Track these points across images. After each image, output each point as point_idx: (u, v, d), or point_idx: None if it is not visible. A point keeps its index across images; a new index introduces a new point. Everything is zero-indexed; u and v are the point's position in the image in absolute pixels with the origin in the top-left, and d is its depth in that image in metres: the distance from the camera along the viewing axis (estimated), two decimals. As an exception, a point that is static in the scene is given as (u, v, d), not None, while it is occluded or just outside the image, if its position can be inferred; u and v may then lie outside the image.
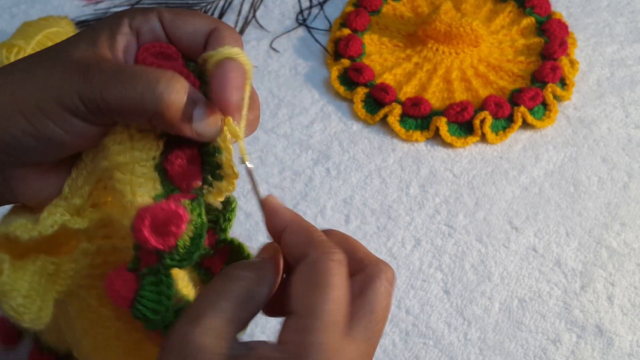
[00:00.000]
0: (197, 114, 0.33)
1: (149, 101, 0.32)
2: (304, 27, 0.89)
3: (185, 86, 0.33)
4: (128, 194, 0.33)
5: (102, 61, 0.32)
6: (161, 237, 0.32)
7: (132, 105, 0.32)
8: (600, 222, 0.68)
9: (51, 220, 0.35)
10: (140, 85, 0.32)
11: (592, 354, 0.60)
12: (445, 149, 0.75)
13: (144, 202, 0.33)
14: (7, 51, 0.77)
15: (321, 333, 0.29)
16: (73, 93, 0.31)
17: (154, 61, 0.34)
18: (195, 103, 0.33)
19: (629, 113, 0.78)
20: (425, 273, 0.65)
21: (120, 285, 0.33)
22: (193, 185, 0.35)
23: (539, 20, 0.86)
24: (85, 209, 0.36)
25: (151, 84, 0.32)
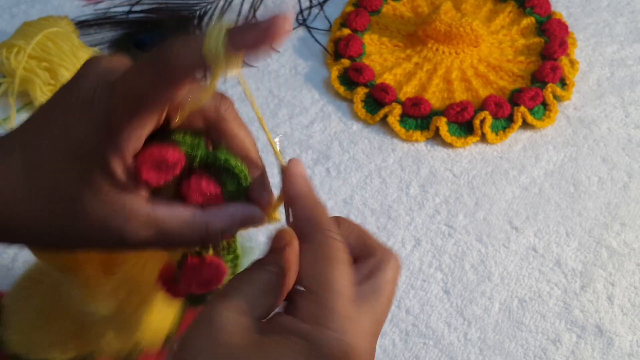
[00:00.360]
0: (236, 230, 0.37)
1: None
2: (304, 27, 0.89)
3: (221, 228, 0.35)
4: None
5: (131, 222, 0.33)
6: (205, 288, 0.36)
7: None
8: (600, 222, 0.68)
9: None
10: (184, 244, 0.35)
11: (592, 354, 0.60)
12: (445, 149, 0.75)
13: None
14: (7, 51, 0.76)
15: (336, 303, 0.31)
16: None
17: (153, 176, 0.33)
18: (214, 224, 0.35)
19: (629, 113, 0.78)
20: (425, 273, 0.65)
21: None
22: None
23: (539, 20, 0.86)
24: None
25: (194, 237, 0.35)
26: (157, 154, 0.33)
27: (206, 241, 0.35)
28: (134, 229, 0.33)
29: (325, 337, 0.30)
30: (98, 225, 0.32)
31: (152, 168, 0.33)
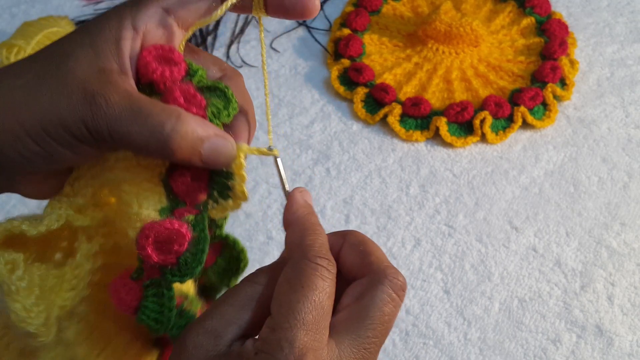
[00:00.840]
0: (206, 149, 0.33)
1: (157, 142, 0.32)
2: (304, 27, 0.89)
3: (193, 125, 0.32)
4: (134, 206, 0.34)
5: (109, 86, 0.32)
6: (163, 254, 0.33)
7: (139, 143, 0.32)
8: (600, 222, 0.68)
9: (56, 214, 0.35)
10: (148, 127, 0.31)
11: (592, 354, 0.60)
12: (445, 149, 0.75)
13: (149, 215, 0.34)
14: (7, 51, 0.77)
15: (292, 331, 0.29)
16: (79, 122, 0.31)
17: (156, 67, 0.33)
18: (203, 140, 0.33)
19: (629, 113, 0.78)
20: (425, 273, 0.65)
21: (125, 294, 0.33)
22: (198, 200, 0.35)
23: (539, 20, 0.86)
24: (87, 207, 0.36)
25: (157, 129, 0.32)
26: (164, 48, 0.33)
27: (168, 146, 0.32)
28: (111, 94, 0.31)
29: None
30: (80, 84, 0.31)
31: (154, 60, 0.33)
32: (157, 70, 0.33)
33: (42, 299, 0.34)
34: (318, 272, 0.31)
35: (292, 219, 0.35)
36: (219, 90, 0.35)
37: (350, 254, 0.34)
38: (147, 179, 0.34)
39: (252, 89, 0.82)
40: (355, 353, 0.31)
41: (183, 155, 0.32)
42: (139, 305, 0.33)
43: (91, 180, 0.35)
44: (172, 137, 0.32)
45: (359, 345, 0.31)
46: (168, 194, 0.34)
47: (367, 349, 0.31)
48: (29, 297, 0.34)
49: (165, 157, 0.32)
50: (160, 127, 0.31)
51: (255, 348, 0.30)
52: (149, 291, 0.33)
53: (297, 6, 0.33)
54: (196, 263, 0.33)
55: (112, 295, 0.34)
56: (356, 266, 0.34)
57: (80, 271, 0.36)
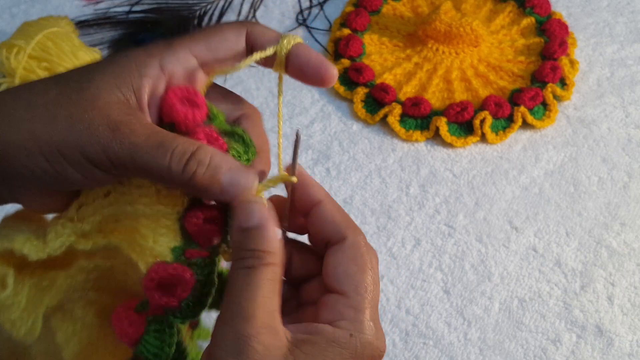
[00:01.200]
0: (225, 178, 0.33)
1: (177, 168, 0.32)
2: (304, 27, 0.89)
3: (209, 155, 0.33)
4: (150, 240, 0.35)
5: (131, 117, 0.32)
6: (167, 297, 0.33)
7: (159, 173, 0.32)
8: (600, 222, 0.68)
9: (60, 242, 0.35)
10: (168, 157, 0.32)
11: (592, 354, 0.60)
12: (445, 149, 0.75)
13: (162, 252, 0.34)
14: (7, 51, 0.76)
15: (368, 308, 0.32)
16: (99, 148, 0.31)
17: (180, 109, 0.34)
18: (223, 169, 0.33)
19: (629, 113, 0.78)
20: (425, 273, 0.65)
21: (128, 325, 0.34)
22: (211, 243, 0.35)
23: (539, 20, 0.86)
24: (91, 234, 0.36)
25: (181, 153, 0.32)
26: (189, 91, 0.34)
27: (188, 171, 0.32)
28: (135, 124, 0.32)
29: (364, 345, 0.31)
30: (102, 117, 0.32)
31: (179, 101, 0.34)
32: (180, 111, 0.34)
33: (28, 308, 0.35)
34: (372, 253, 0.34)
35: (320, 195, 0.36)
36: (237, 135, 0.36)
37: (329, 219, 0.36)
38: (165, 216, 0.35)
39: (252, 89, 0.82)
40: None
41: (203, 182, 0.32)
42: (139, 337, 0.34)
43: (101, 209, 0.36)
44: (191, 161, 0.32)
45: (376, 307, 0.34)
46: (183, 233, 0.35)
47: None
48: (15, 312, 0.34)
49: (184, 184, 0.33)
50: (182, 154, 0.32)
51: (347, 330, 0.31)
52: (151, 326, 0.34)
53: (316, 75, 0.35)
54: (199, 307, 0.34)
55: (114, 325, 0.34)
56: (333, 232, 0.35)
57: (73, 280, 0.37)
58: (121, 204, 0.35)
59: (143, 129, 0.32)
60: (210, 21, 0.90)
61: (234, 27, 0.36)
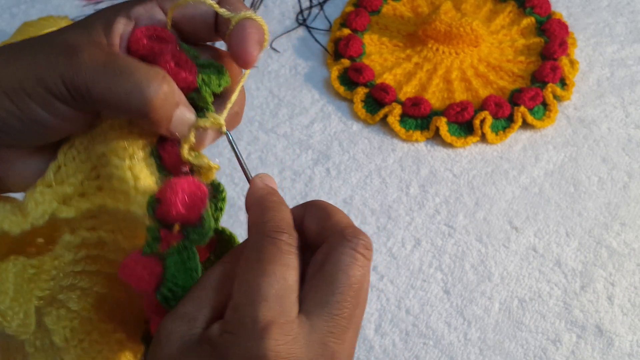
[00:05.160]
0: (175, 116, 0.32)
1: (135, 101, 0.31)
2: (304, 27, 0.89)
3: (173, 89, 0.32)
4: (130, 179, 0.33)
5: (93, 47, 0.31)
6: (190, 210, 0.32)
7: (117, 101, 0.31)
8: (600, 222, 0.68)
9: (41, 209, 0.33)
10: (128, 84, 0.31)
11: (592, 354, 0.60)
12: (445, 149, 0.75)
13: (146, 187, 0.33)
14: (7, 51, 0.76)
15: (257, 306, 0.28)
16: (56, 76, 0.30)
17: (147, 43, 0.33)
18: (177, 105, 0.32)
19: (629, 113, 0.78)
20: (425, 273, 0.65)
21: (143, 270, 0.32)
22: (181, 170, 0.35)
23: (539, 20, 0.86)
24: (72, 197, 0.34)
25: (140, 84, 0.31)
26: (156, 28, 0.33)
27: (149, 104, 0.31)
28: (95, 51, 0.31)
29: (231, 345, 0.28)
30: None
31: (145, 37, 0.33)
32: (146, 44, 0.33)
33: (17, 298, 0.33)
34: (276, 245, 0.30)
35: (252, 201, 0.34)
36: (213, 67, 0.35)
37: (311, 222, 0.33)
38: (141, 147, 0.33)
39: (252, 89, 0.82)
40: (328, 321, 0.29)
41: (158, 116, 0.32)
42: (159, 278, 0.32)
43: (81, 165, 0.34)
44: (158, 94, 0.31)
45: (330, 313, 0.29)
46: (157, 165, 0.34)
47: (340, 315, 0.30)
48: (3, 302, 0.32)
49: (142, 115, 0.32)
50: (146, 83, 0.31)
51: (220, 329, 0.29)
52: (170, 260, 0.32)
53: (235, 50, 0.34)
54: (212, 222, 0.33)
55: (126, 277, 0.32)
56: (317, 234, 0.32)
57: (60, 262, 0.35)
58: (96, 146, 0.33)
59: (102, 55, 0.31)
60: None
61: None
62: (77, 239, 0.35)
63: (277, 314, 0.28)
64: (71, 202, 0.34)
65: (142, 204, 0.33)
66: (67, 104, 0.31)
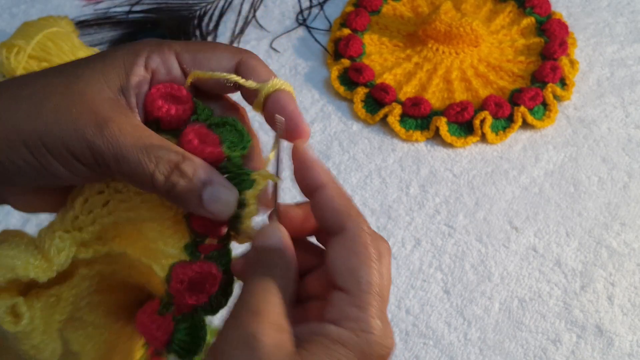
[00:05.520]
0: (206, 195, 0.32)
1: (159, 183, 0.31)
2: (304, 27, 0.89)
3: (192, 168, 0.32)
4: (160, 243, 0.34)
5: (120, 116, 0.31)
6: (196, 295, 0.33)
7: (142, 179, 0.32)
8: (600, 222, 0.68)
9: (64, 255, 0.34)
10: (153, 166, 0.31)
11: (592, 354, 0.60)
12: (445, 149, 0.75)
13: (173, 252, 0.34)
14: (7, 51, 0.76)
15: (375, 306, 0.30)
16: (84, 144, 0.31)
17: (163, 105, 0.33)
18: (205, 185, 0.32)
19: (629, 113, 0.78)
20: (425, 273, 0.65)
21: (156, 330, 0.34)
22: (220, 233, 0.35)
23: (539, 20, 0.86)
24: (91, 242, 0.36)
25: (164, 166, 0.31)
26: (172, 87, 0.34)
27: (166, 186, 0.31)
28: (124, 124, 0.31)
29: (371, 344, 0.29)
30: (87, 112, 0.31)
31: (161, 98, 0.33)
32: (163, 107, 0.33)
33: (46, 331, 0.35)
34: (378, 242, 0.32)
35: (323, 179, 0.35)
36: (228, 125, 0.35)
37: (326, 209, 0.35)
38: (170, 218, 0.34)
39: (252, 89, 0.82)
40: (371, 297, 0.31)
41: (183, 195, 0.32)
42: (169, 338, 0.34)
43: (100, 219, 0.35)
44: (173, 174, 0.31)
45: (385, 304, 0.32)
46: (190, 230, 0.35)
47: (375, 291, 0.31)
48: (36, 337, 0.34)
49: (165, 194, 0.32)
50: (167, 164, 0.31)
51: (352, 330, 0.30)
52: (181, 325, 0.34)
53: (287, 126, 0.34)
54: (226, 297, 0.34)
55: (142, 333, 0.34)
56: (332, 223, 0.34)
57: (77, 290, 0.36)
58: (122, 211, 0.35)
59: (132, 130, 0.31)
60: (210, 21, 0.90)
61: (230, 50, 0.35)
62: (93, 271, 0.37)
63: (383, 309, 0.31)
64: (89, 245, 0.36)
65: (165, 267, 0.34)
66: (88, 168, 0.32)
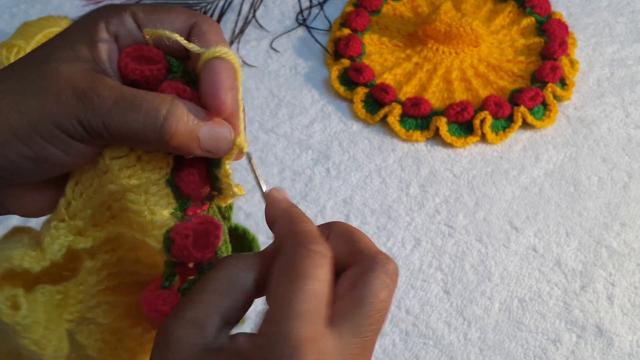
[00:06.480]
0: (203, 135, 0.32)
1: (152, 131, 0.31)
2: (304, 27, 0.89)
3: (185, 110, 0.32)
4: (146, 214, 0.33)
5: (97, 82, 0.31)
6: (202, 251, 0.33)
7: (135, 134, 0.31)
8: (600, 222, 0.68)
9: (57, 244, 0.34)
10: (141, 116, 0.31)
11: (592, 354, 0.60)
12: (445, 149, 0.75)
13: (163, 220, 0.33)
14: (7, 51, 0.76)
15: (292, 322, 0.28)
16: (72, 118, 0.31)
17: (136, 67, 0.33)
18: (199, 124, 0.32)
19: (629, 113, 0.78)
20: (425, 273, 0.65)
21: (162, 305, 0.33)
22: (202, 195, 0.35)
23: (539, 20, 0.86)
24: (87, 229, 0.35)
25: (152, 114, 0.31)
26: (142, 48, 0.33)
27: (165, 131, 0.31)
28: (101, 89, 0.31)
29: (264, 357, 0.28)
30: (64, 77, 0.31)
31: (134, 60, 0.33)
32: (136, 69, 0.33)
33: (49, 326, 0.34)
34: (314, 259, 0.30)
35: (277, 212, 0.34)
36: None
37: (337, 243, 0.33)
38: (154, 182, 0.34)
39: (252, 89, 0.82)
40: (357, 341, 0.30)
41: (181, 141, 0.32)
42: None
43: (89, 201, 0.35)
44: (168, 120, 0.31)
45: (359, 333, 0.30)
46: (175, 194, 0.34)
47: (367, 337, 0.30)
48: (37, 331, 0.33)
49: (163, 144, 0.32)
50: (156, 112, 0.31)
51: (253, 343, 0.29)
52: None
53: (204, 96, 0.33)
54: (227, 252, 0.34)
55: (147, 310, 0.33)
56: (345, 255, 0.33)
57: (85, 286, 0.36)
58: (105, 185, 0.34)
59: (110, 92, 0.31)
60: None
61: (185, 13, 0.34)
62: (98, 263, 0.36)
63: (310, 331, 0.28)
64: (87, 233, 0.35)
65: (159, 237, 0.33)
66: (83, 142, 0.32)
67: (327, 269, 0.30)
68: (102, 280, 0.36)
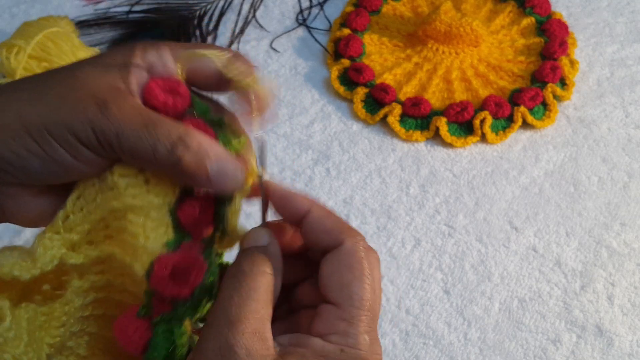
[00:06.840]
0: (213, 167, 0.32)
1: (162, 152, 0.32)
2: (304, 27, 0.89)
3: (198, 139, 0.32)
4: (141, 238, 0.33)
5: (120, 98, 0.32)
6: (179, 286, 0.32)
7: (145, 151, 0.32)
8: (600, 222, 0.68)
9: (50, 255, 0.34)
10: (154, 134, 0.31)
11: (592, 354, 0.60)
12: (445, 149, 0.75)
13: (155, 248, 0.33)
14: (7, 51, 0.76)
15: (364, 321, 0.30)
16: (87, 125, 0.31)
17: (160, 94, 0.33)
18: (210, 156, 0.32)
19: (629, 113, 0.78)
20: (425, 273, 0.65)
21: (133, 332, 0.32)
22: (204, 234, 0.35)
23: (539, 20, 0.86)
24: (81, 245, 0.35)
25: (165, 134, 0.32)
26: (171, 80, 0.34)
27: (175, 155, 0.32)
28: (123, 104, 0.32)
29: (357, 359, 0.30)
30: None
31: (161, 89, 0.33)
32: (161, 98, 0.33)
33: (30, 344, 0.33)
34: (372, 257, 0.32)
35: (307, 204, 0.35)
36: (224, 124, 0.35)
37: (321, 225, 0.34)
38: (156, 208, 0.34)
39: (252, 89, 0.82)
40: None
41: (189, 165, 0.32)
42: (147, 343, 0.32)
43: (88, 215, 0.34)
44: (180, 143, 0.31)
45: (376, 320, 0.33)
46: (175, 226, 0.34)
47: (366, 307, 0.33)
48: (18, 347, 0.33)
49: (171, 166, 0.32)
50: (169, 132, 0.31)
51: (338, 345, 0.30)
52: (159, 328, 0.32)
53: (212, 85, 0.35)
54: (208, 297, 0.33)
55: (118, 336, 0.33)
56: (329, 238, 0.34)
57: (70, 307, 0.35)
58: (109, 201, 0.34)
59: (131, 110, 0.32)
60: (210, 21, 0.90)
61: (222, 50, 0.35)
62: (86, 284, 0.36)
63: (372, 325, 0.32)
64: (80, 249, 0.35)
65: (145, 264, 0.33)
66: (93, 151, 0.32)
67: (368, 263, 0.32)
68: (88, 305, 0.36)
